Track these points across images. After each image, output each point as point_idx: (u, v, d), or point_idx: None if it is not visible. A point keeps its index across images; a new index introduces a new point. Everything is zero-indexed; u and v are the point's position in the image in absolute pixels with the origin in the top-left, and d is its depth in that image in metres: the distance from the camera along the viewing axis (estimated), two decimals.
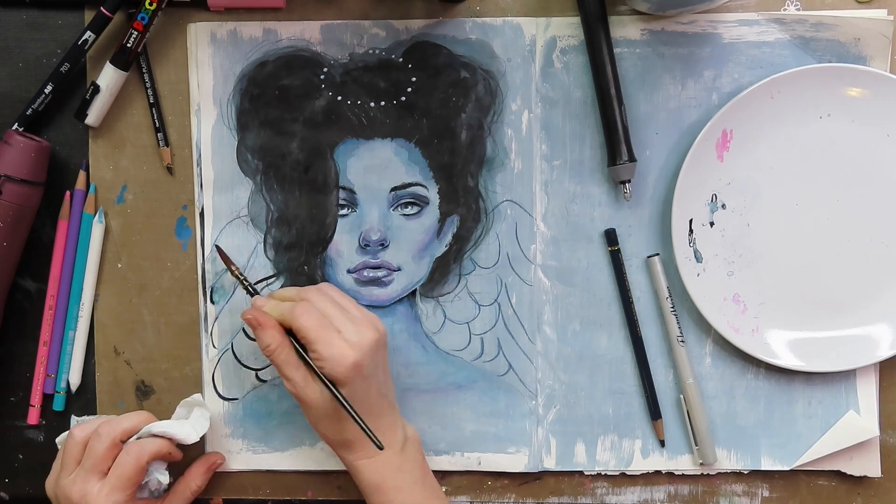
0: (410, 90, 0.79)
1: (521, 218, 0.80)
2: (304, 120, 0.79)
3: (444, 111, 0.79)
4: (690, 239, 0.78)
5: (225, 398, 0.81)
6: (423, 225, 0.80)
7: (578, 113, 0.79)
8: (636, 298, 0.80)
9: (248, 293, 0.77)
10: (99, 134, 0.80)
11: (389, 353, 0.79)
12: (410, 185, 0.79)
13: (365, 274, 0.80)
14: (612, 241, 0.79)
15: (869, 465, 0.80)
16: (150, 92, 0.79)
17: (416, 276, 0.80)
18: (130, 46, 0.77)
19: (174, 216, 0.81)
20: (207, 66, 0.79)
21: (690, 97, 0.79)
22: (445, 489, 0.81)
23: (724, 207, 0.79)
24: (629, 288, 0.79)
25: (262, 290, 0.80)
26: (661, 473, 0.81)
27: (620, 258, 0.79)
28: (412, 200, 0.80)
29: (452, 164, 0.79)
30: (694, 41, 0.78)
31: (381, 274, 0.80)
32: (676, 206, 0.77)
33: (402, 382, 0.80)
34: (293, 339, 0.72)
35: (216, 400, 0.81)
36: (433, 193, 0.80)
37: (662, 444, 0.81)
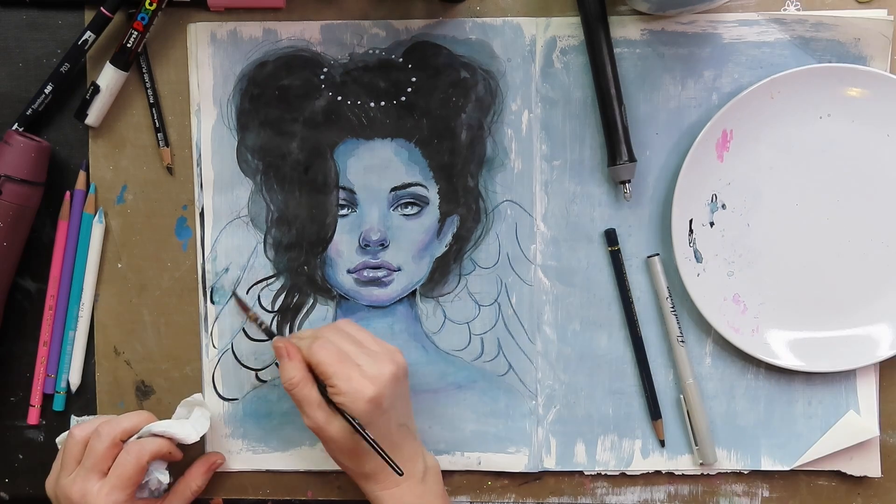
0: (410, 90, 0.79)
1: (521, 218, 0.80)
2: (304, 120, 0.79)
3: (444, 111, 0.79)
4: (690, 239, 0.78)
5: (225, 398, 0.81)
6: (423, 225, 0.80)
7: (578, 113, 0.79)
8: (636, 298, 0.80)
9: (267, 337, 0.78)
10: (99, 134, 0.80)
11: None
12: (410, 185, 0.79)
13: (365, 274, 0.80)
14: (612, 241, 0.79)
15: (869, 465, 0.80)
16: (150, 92, 0.79)
17: (416, 276, 0.80)
18: (130, 46, 0.77)
19: (174, 216, 0.81)
20: (207, 66, 0.79)
21: (690, 97, 0.79)
22: (446, 489, 0.81)
23: (724, 207, 0.79)
24: (629, 288, 0.79)
25: (261, 290, 0.80)
26: (661, 473, 0.81)
27: (620, 258, 0.79)
28: (412, 200, 0.80)
29: (452, 164, 0.79)
30: (694, 41, 0.78)
31: (381, 274, 0.80)
32: (676, 206, 0.77)
33: None
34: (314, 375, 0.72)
35: (216, 400, 0.81)
36: (433, 193, 0.80)
37: (662, 444, 0.81)
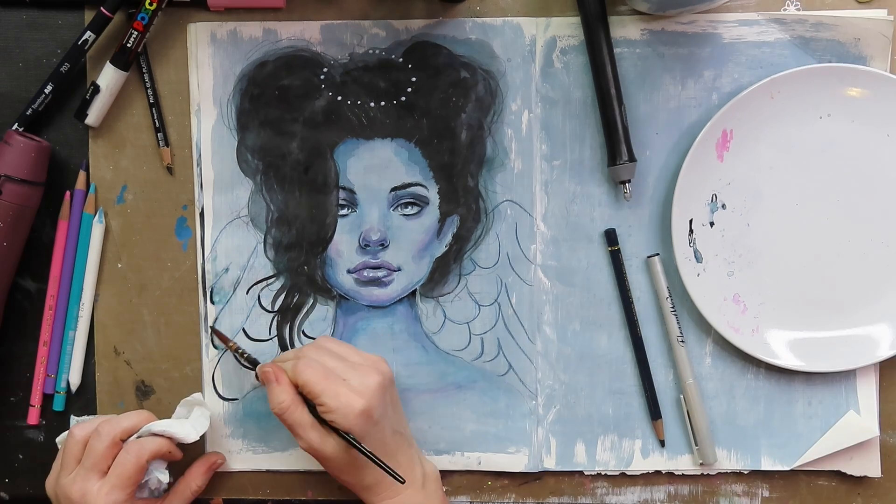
0: (410, 90, 0.79)
1: (521, 218, 0.80)
2: (304, 120, 0.79)
3: (444, 111, 0.79)
4: (690, 239, 0.78)
5: (225, 398, 0.81)
6: (423, 225, 0.80)
7: (578, 113, 0.79)
8: (636, 298, 0.80)
9: (251, 366, 0.78)
10: (99, 134, 0.80)
11: (390, 353, 0.79)
12: (410, 185, 0.79)
13: (365, 274, 0.80)
14: (612, 241, 0.79)
15: (869, 465, 0.80)
16: (150, 92, 0.79)
17: (416, 276, 0.80)
18: (130, 46, 0.77)
19: (174, 216, 0.81)
20: (207, 66, 0.79)
21: (690, 97, 0.79)
22: (445, 489, 0.81)
23: (724, 207, 0.79)
24: (629, 288, 0.79)
25: (261, 290, 0.80)
26: (661, 473, 0.81)
27: (620, 258, 0.79)
28: (412, 200, 0.80)
29: (452, 164, 0.79)
30: (694, 41, 0.78)
31: (381, 274, 0.80)
32: (676, 206, 0.77)
33: (402, 383, 0.80)
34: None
35: (216, 400, 0.81)
36: (433, 193, 0.80)
37: (662, 444, 0.80)
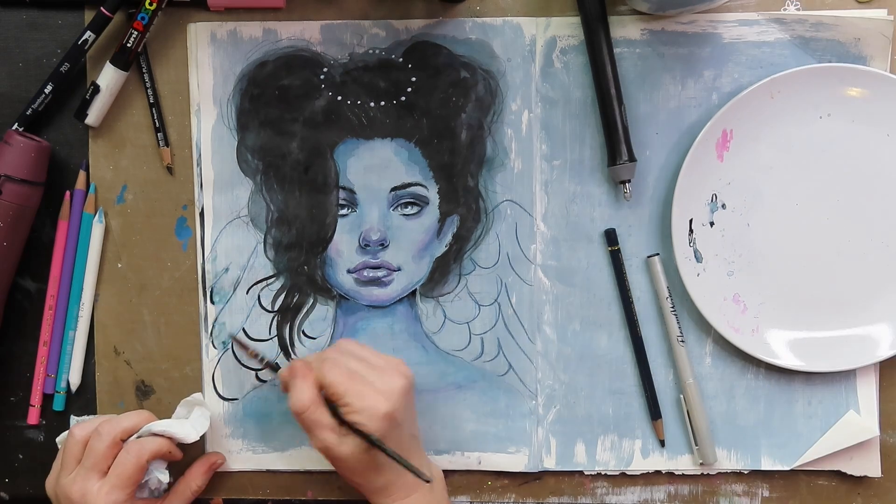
0: (410, 90, 0.79)
1: (521, 218, 0.80)
2: (304, 120, 0.79)
3: (444, 111, 0.79)
4: (690, 239, 0.78)
5: (225, 398, 0.81)
6: (423, 225, 0.80)
7: (578, 113, 0.79)
8: (636, 298, 0.80)
9: (272, 370, 0.77)
10: (99, 134, 0.80)
11: (390, 353, 0.79)
12: (410, 185, 0.79)
13: (365, 274, 0.80)
14: (612, 241, 0.79)
15: (869, 465, 0.80)
16: (150, 92, 0.79)
17: (416, 276, 0.80)
18: (130, 46, 0.77)
19: (174, 216, 0.81)
20: (207, 66, 0.79)
21: (690, 97, 0.79)
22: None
23: (724, 207, 0.79)
24: (629, 288, 0.79)
25: (261, 290, 0.80)
26: (661, 473, 0.81)
27: (620, 258, 0.79)
28: (412, 200, 0.80)
29: (452, 164, 0.79)
30: (694, 41, 0.78)
31: (381, 274, 0.80)
32: (676, 206, 0.77)
33: None
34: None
35: (216, 400, 0.81)
36: (433, 193, 0.80)
37: (662, 444, 0.80)
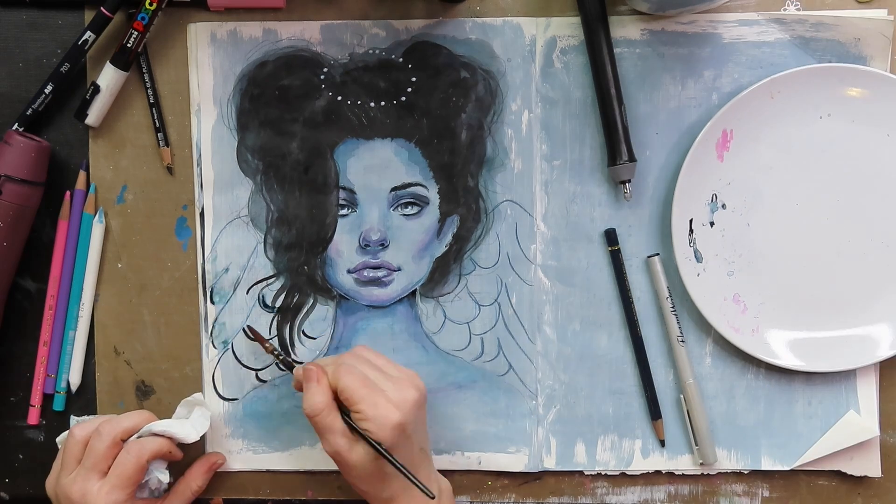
0: (410, 90, 0.79)
1: (521, 218, 0.80)
2: (304, 120, 0.79)
3: (444, 111, 0.79)
4: (690, 239, 0.78)
5: (225, 398, 0.81)
6: (423, 225, 0.80)
7: (578, 113, 0.79)
8: (636, 298, 0.80)
9: (286, 368, 0.77)
10: (99, 134, 0.80)
11: (390, 353, 0.79)
12: (410, 185, 0.79)
13: (365, 274, 0.80)
14: (612, 241, 0.79)
15: (869, 465, 0.80)
16: (150, 92, 0.79)
17: (416, 276, 0.80)
18: (130, 46, 0.77)
19: (174, 216, 0.81)
20: (207, 66, 0.79)
21: (690, 97, 0.79)
22: None
23: (724, 207, 0.79)
24: (629, 288, 0.79)
25: (261, 290, 0.80)
26: (661, 473, 0.81)
27: (620, 258, 0.79)
28: (412, 200, 0.80)
29: (452, 164, 0.79)
30: (694, 41, 0.78)
31: (381, 274, 0.80)
32: (676, 206, 0.77)
33: None
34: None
35: (216, 400, 0.81)
36: (433, 193, 0.80)
37: (662, 444, 0.80)
